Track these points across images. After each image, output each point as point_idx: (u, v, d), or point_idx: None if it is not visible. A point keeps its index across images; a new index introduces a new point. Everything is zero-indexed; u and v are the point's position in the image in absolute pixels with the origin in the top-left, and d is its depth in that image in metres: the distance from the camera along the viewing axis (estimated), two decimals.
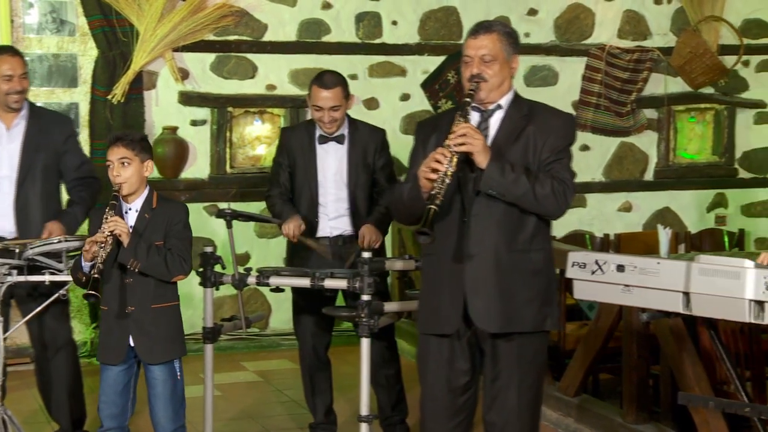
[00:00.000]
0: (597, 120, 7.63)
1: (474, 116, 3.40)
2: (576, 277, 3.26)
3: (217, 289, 4.40)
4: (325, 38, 7.06)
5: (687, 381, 4.15)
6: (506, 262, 3.33)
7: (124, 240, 3.67)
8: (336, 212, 4.67)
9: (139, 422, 4.37)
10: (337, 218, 4.67)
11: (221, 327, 4.40)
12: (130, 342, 3.79)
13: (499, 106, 3.42)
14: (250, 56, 6.94)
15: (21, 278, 4.14)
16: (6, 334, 4.10)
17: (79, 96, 6.66)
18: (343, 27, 7.10)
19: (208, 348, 4.35)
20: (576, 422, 4.86)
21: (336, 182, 4.66)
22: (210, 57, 6.87)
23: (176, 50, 6.70)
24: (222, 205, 6.24)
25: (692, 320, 3.92)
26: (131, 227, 3.74)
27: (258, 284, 4.26)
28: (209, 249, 4.32)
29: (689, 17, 7.71)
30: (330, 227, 4.67)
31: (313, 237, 4.64)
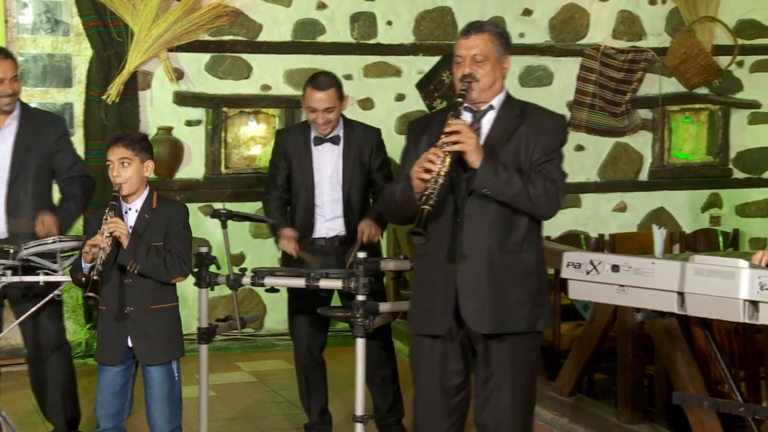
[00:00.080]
0: (592, 120, 7.63)
1: (466, 116, 3.39)
2: (571, 277, 3.25)
3: (212, 290, 4.40)
4: (320, 38, 7.06)
5: (681, 381, 4.16)
6: (499, 263, 3.33)
7: (124, 242, 3.66)
8: (332, 213, 4.67)
9: (136, 422, 4.36)
10: (333, 219, 4.67)
11: (216, 327, 4.39)
12: (129, 343, 3.78)
13: (491, 107, 3.42)
14: (245, 56, 6.94)
15: (15, 278, 4.14)
16: (0, 335, 4.09)
17: (74, 96, 6.65)
18: (338, 27, 7.10)
19: (203, 348, 4.34)
20: (571, 422, 4.87)
21: (332, 183, 4.66)
22: (205, 57, 6.86)
23: (171, 50, 6.70)
24: (217, 206, 6.25)
25: (687, 320, 3.93)
26: (131, 227, 3.73)
27: (253, 284, 4.26)
28: (204, 249, 4.31)
29: (684, 18, 7.72)
30: (326, 228, 4.67)
31: (310, 238, 4.64)
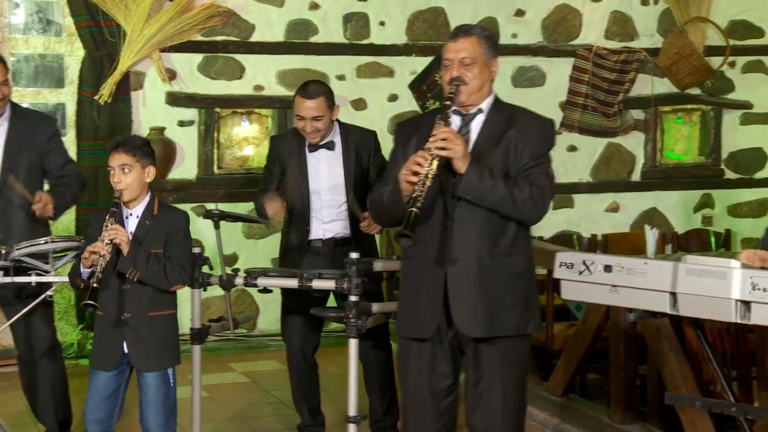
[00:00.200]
0: (584, 121, 7.64)
1: (455, 120, 3.39)
2: (563, 278, 3.25)
3: (205, 290, 4.39)
4: (313, 39, 7.06)
5: (674, 381, 4.16)
6: (489, 267, 3.33)
7: (124, 249, 3.64)
8: (329, 216, 4.66)
9: (131, 426, 4.35)
10: (331, 222, 4.66)
11: (209, 328, 4.39)
12: (125, 349, 3.76)
13: (480, 110, 3.42)
14: (238, 57, 6.93)
15: (7, 279, 4.13)
16: None
17: (66, 96, 6.64)
18: (331, 27, 7.09)
19: (196, 349, 4.34)
20: (563, 422, 4.87)
21: (331, 188, 4.64)
22: (197, 57, 6.85)
23: (163, 51, 6.69)
24: (209, 206, 6.24)
25: (679, 320, 3.94)
26: (131, 233, 3.71)
27: (246, 285, 4.25)
28: (197, 250, 4.30)
29: (676, 18, 7.73)
30: (323, 230, 4.66)
31: (306, 240, 4.64)
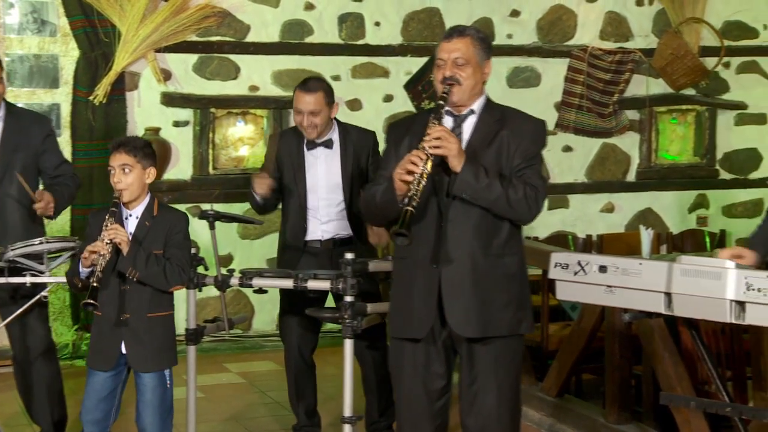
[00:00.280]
0: (579, 121, 7.65)
1: (447, 121, 3.39)
2: (558, 278, 3.25)
3: (200, 291, 4.38)
4: (308, 39, 7.05)
5: (669, 381, 4.17)
6: (482, 267, 3.34)
7: (124, 249, 3.64)
8: (328, 216, 4.65)
9: (128, 427, 4.34)
10: (329, 222, 4.66)
11: (204, 328, 4.38)
12: (123, 349, 3.76)
13: (472, 111, 3.42)
14: (233, 57, 6.93)
15: (2, 280, 4.12)
16: None
17: (61, 97, 6.62)
18: (326, 28, 7.09)
19: (191, 349, 4.33)
20: (558, 422, 4.87)
21: (329, 187, 4.64)
22: (192, 58, 6.84)
23: (158, 51, 6.68)
24: (205, 207, 6.23)
25: (674, 320, 3.94)
26: (131, 234, 3.71)
27: (241, 285, 4.25)
28: (192, 250, 4.30)
29: (670, 19, 7.75)
30: (321, 230, 4.66)
31: (302, 239, 4.64)
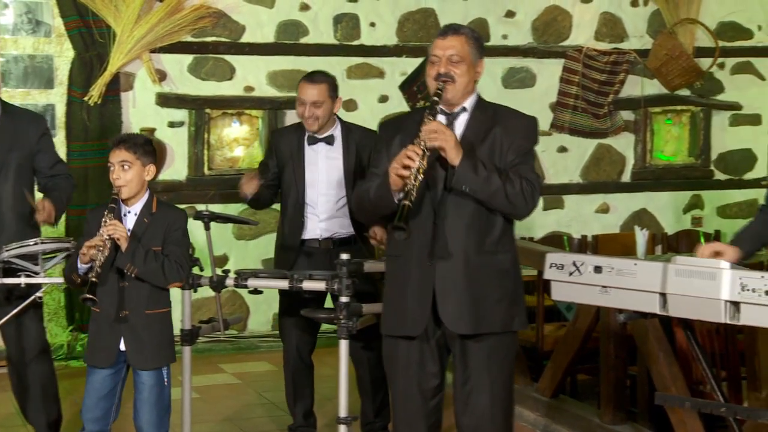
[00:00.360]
0: (574, 122, 7.66)
1: (440, 118, 3.39)
2: (554, 279, 3.26)
3: (195, 291, 4.38)
4: (303, 40, 7.05)
5: (664, 381, 4.17)
6: (475, 264, 3.35)
7: (123, 244, 3.64)
8: (327, 212, 4.64)
9: (126, 425, 4.33)
10: (329, 219, 4.64)
11: (199, 329, 4.38)
12: (121, 346, 3.76)
13: (464, 109, 3.44)
14: (228, 57, 6.92)
15: None
16: None
17: (56, 97, 6.61)
18: (321, 28, 7.09)
19: (186, 350, 4.32)
20: (553, 423, 4.87)
21: (329, 183, 4.63)
22: (187, 58, 6.84)
23: (153, 51, 6.68)
24: (200, 207, 6.21)
25: (669, 321, 3.94)
26: (129, 231, 3.71)
27: (236, 286, 4.24)
28: None
29: (665, 20, 7.76)
30: (321, 229, 4.64)
31: (299, 237, 4.62)
